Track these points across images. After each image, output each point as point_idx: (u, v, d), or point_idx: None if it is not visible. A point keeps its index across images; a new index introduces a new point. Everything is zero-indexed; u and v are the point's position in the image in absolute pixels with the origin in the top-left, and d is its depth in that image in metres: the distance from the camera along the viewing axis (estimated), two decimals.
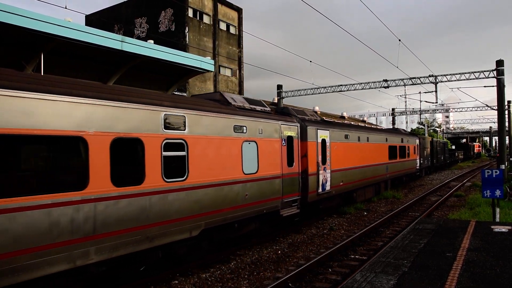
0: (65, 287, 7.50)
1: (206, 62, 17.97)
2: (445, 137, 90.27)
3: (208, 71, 18.66)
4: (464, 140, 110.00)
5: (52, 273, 6.81)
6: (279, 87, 37.84)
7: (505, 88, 29.88)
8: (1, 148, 6.38)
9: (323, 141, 16.76)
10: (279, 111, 15.48)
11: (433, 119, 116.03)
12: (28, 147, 6.97)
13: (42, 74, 12.06)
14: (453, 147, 75.53)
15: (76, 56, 14.54)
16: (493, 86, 30.73)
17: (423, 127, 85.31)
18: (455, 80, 31.58)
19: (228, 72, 42.89)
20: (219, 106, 11.09)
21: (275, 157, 13.20)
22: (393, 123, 57.85)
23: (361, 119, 73.18)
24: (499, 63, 29.11)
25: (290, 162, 14.06)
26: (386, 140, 25.54)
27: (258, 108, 13.15)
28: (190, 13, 38.73)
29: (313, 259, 10.84)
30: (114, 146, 7.89)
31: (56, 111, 7.01)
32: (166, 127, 9.05)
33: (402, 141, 29.46)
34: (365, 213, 18.96)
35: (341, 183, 18.25)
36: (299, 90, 37.48)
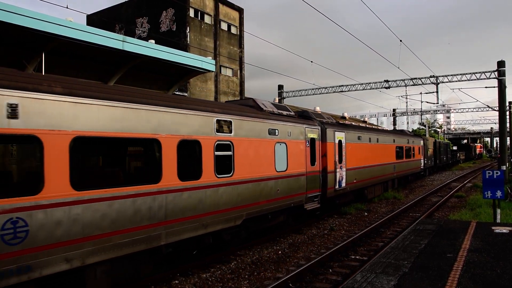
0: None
1: (207, 62, 17.96)
2: (446, 138, 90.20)
3: (209, 71, 18.66)
4: (465, 141, 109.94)
5: (135, 251, 8.16)
6: (280, 87, 37.87)
7: (507, 89, 29.89)
8: (104, 148, 8.30)
9: (340, 142, 18.20)
10: (301, 115, 16.47)
11: (434, 120, 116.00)
12: (121, 147, 8.63)
13: (43, 73, 12.08)
14: (455, 148, 75.60)
15: (77, 56, 14.54)
16: (494, 87, 30.72)
17: (424, 127, 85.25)
18: (456, 81, 31.59)
19: (229, 72, 42.89)
20: (256, 112, 12.59)
21: (301, 156, 14.68)
22: (394, 124, 57.82)
23: (362, 119, 73.05)
24: (501, 64, 29.11)
25: (312, 161, 15.53)
26: (394, 141, 26.96)
27: (285, 112, 14.55)
28: (191, 13, 38.73)
29: (314, 259, 10.83)
30: (180, 147, 9.29)
31: (139, 117, 8.38)
32: (217, 131, 10.54)
33: (408, 142, 30.81)
34: (366, 214, 18.95)
35: (355, 181, 19.75)
36: (300, 90, 37.50)
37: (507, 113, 39.04)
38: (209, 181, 10.13)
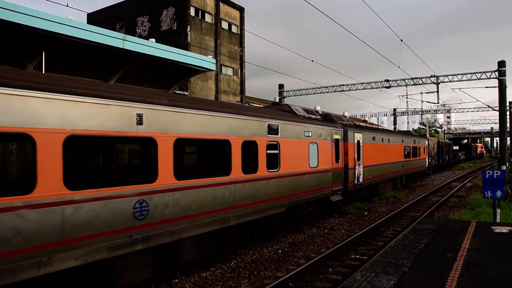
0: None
1: (207, 61, 17.96)
2: (446, 138, 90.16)
3: (209, 70, 18.65)
4: (466, 141, 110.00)
5: (213, 230, 10.21)
6: (281, 86, 37.88)
7: (507, 89, 29.88)
8: (194, 147, 10.58)
9: (358, 142, 20.39)
10: (325, 118, 18.64)
11: (435, 120, 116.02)
12: (205, 146, 10.69)
13: (43, 72, 12.08)
14: (456, 147, 76.01)
15: (78, 55, 14.54)
16: (495, 86, 30.71)
17: (424, 127, 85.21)
18: (456, 81, 31.61)
19: (229, 71, 42.87)
20: (293, 116, 14.69)
21: (328, 155, 16.80)
22: (394, 124, 57.79)
23: (363, 119, 73.09)
24: (501, 64, 29.10)
25: (337, 159, 17.65)
26: (402, 141, 29.40)
27: (313, 116, 16.63)
28: (192, 12, 38.71)
29: (314, 258, 10.84)
30: (243, 146, 11.29)
31: (216, 123, 10.37)
32: (268, 133, 12.63)
33: (414, 142, 33.05)
34: (366, 213, 18.96)
35: (370, 177, 21.91)
36: (300, 90, 37.50)
37: (508, 113, 39.01)
38: (263, 174, 12.25)
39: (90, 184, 7.48)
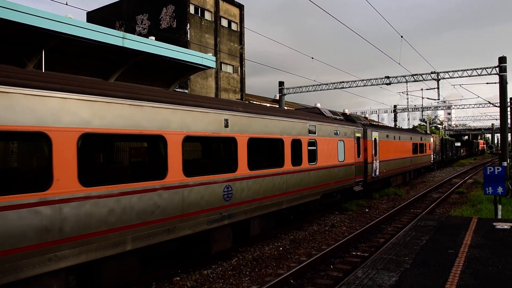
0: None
1: (207, 59, 17.91)
2: (447, 134, 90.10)
3: (209, 67, 18.60)
4: (466, 137, 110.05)
5: (271, 211, 12.57)
6: (281, 83, 37.82)
7: (508, 85, 29.82)
8: (259, 144, 12.27)
9: (375, 139, 22.95)
10: (347, 118, 21.03)
11: (435, 116, 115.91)
12: (267, 143, 12.70)
13: (43, 71, 12.05)
14: (458, 144, 76.54)
15: (77, 53, 14.50)
16: (495, 82, 30.64)
17: (425, 124, 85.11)
18: (457, 77, 31.53)
19: (229, 69, 42.82)
20: (324, 118, 17.15)
21: (352, 151, 19.27)
22: (395, 120, 57.77)
23: (363, 116, 73.02)
24: (502, 59, 29.03)
25: (358, 154, 20.09)
26: (411, 139, 32.08)
27: (338, 117, 19.11)
28: (192, 9, 38.64)
29: (315, 256, 10.83)
30: (292, 144, 13.73)
31: (273, 125, 12.71)
32: (309, 132, 15.02)
33: (420, 139, 35.74)
34: (367, 210, 18.95)
35: (384, 171, 24.51)
36: (300, 87, 37.44)
37: (508, 109, 38.94)
38: (305, 167, 14.60)
39: (198, 172, 9.88)
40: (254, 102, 37.70)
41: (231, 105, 11.08)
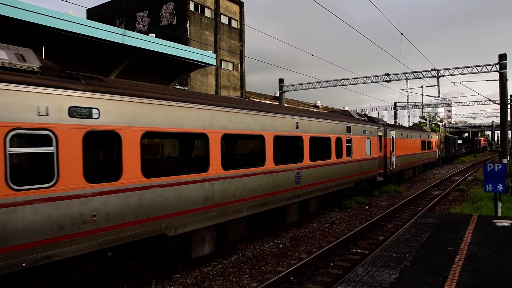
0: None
1: (207, 56, 17.90)
2: (447, 131, 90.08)
3: (209, 65, 18.59)
4: (466, 135, 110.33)
5: (322, 194, 16.03)
6: (281, 81, 37.75)
7: (508, 82, 29.77)
8: (316, 142, 15.35)
9: (392, 137, 26.28)
10: (369, 119, 24.23)
11: (435, 113, 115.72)
12: (321, 141, 15.96)
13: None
14: (460, 141, 77.70)
15: (78, 50, 14.49)
16: (495, 80, 30.61)
17: (425, 121, 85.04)
18: (457, 74, 31.46)
19: (229, 66, 42.76)
20: (354, 120, 20.45)
21: (375, 147, 22.70)
22: (395, 117, 57.70)
23: (363, 113, 73.00)
24: (502, 57, 28.96)
25: (380, 150, 23.58)
26: (420, 137, 35.62)
27: (363, 118, 22.63)
28: (192, 6, 38.56)
29: (315, 253, 10.84)
30: (336, 141, 17.12)
31: (324, 126, 16.29)
32: (346, 131, 18.41)
33: (428, 137, 39.25)
34: (367, 207, 18.95)
35: (400, 164, 27.89)
36: (300, 84, 37.38)
37: (508, 106, 38.91)
38: (344, 159, 18.03)
39: (282, 162, 13.03)
40: (255, 100, 37.67)
41: (299, 112, 14.89)
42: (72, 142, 6.99)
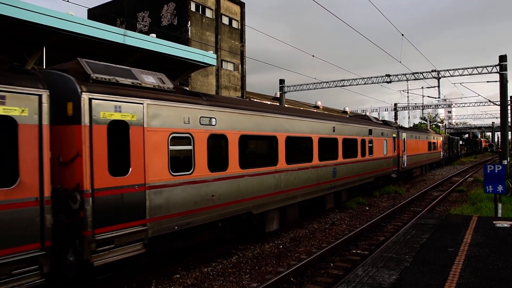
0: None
1: (208, 56, 17.89)
2: (447, 132, 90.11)
3: (210, 65, 18.57)
4: (467, 136, 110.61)
5: (366, 182, 21.11)
6: (282, 81, 37.74)
7: (508, 83, 29.76)
8: (348, 142, 18.60)
9: (404, 138, 28.93)
10: (383, 122, 27.16)
11: (436, 114, 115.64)
12: (348, 142, 18.46)
13: (44, 68, 12.04)
14: (461, 142, 79.59)
15: (78, 50, 14.49)
16: (496, 81, 30.59)
17: (425, 122, 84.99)
18: (457, 75, 31.45)
19: (230, 67, 42.76)
20: (373, 123, 23.19)
21: (391, 147, 25.50)
22: (395, 118, 57.70)
23: (364, 114, 72.95)
24: (502, 58, 28.95)
25: (394, 150, 26.20)
26: (426, 138, 38.56)
27: (379, 121, 25.94)
28: (193, 7, 38.56)
29: (315, 253, 10.85)
30: (360, 142, 20.03)
31: (353, 129, 19.29)
32: (368, 134, 21.30)
33: (433, 138, 42.06)
34: (367, 208, 18.96)
35: (410, 163, 30.72)
36: (301, 85, 37.37)
37: (509, 107, 38.89)
38: (367, 157, 20.98)
39: (323, 159, 15.93)
40: (255, 100, 37.64)
41: (335, 118, 18.36)
42: (201, 142, 9.85)
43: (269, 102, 39.45)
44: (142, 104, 8.48)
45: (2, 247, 6.24)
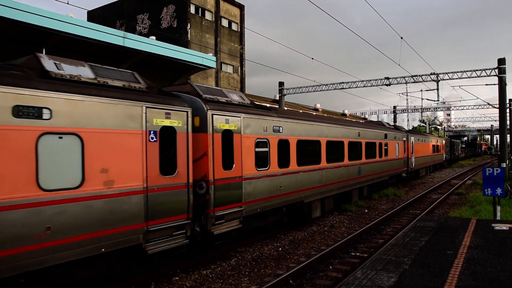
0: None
1: (208, 59, 17.93)
2: (446, 135, 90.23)
3: (210, 67, 18.62)
4: (465, 138, 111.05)
5: (372, 183, 22.67)
6: (281, 84, 37.78)
7: (507, 86, 29.83)
8: (370, 146, 21.91)
9: (412, 141, 31.81)
10: (394, 127, 29.78)
11: (435, 117, 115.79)
12: (373, 145, 22.27)
13: None
14: (463, 145, 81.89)
15: (78, 52, 14.52)
16: (495, 84, 30.67)
17: (424, 125, 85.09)
18: (456, 78, 31.52)
19: (229, 69, 42.81)
20: (386, 128, 26.14)
21: (401, 149, 28.31)
22: (395, 121, 57.78)
23: (363, 116, 72.98)
24: (501, 61, 29.03)
25: (404, 152, 29.05)
26: (431, 141, 41.57)
27: (391, 126, 28.42)
28: (192, 9, 38.63)
29: (314, 256, 10.85)
30: (378, 145, 23.11)
31: (373, 133, 22.34)
32: (384, 137, 24.03)
33: (437, 141, 45.02)
34: (366, 211, 18.96)
35: (417, 164, 33.83)
36: (300, 87, 37.42)
37: (508, 110, 38.98)
38: (383, 158, 23.86)
39: (352, 159, 18.83)
40: (255, 103, 37.67)
41: (359, 124, 21.28)
42: (274, 145, 12.81)
43: (268, 105, 39.66)
44: (240, 117, 11.32)
45: (169, 216, 8.97)
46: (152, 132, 8.67)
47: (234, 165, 10.95)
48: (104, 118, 7.69)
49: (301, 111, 25.97)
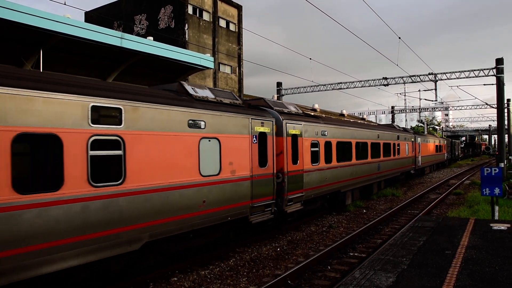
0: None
1: (205, 59, 17.89)
2: (444, 135, 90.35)
3: (207, 68, 18.57)
4: (463, 138, 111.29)
5: (387, 179, 26.26)
6: (279, 84, 37.84)
7: (505, 86, 29.91)
8: (386, 146, 25.22)
9: (419, 142, 34.42)
10: (403, 129, 32.57)
11: (433, 117, 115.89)
12: (388, 146, 25.28)
13: (41, 70, 12.03)
14: (462, 145, 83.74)
15: (76, 53, 14.47)
16: (492, 84, 30.76)
17: (422, 125, 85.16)
18: (454, 78, 31.62)
19: (227, 70, 42.79)
20: (397, 130, 28.98)
21: (410, 149, 31.16)
22: (392, 121, 57.84)
23: (361, 116, 73.00)
24: (499, 61, 29.12)
25: (412, 151, 31.74)
26: (434, 142, 44.35)
27: (400, 129, 31.27)
28: (190, 10, 38.59)
29: (312, 256, 10.85)
30: (392, 145, 26.31)
31: (388, 135, 25.53)
32: (397, 138, 27.40)
33: (439, 142, 48.04)
34: (364, 211, 18.98)
35: (423, 163, 36.43)
36: (298, 88, 37.48)
37: (505, 110, 39.06)
38: (396, 157, 26.65)
39: (373, 157, 22.08)
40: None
41: (378, 127, 24.79)
42: (322, 146, 16.21)
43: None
44: (301, 124, 14.79)
45: (263, 197, 12.22)
46: (254, 136, 12.04)
47: (298, 161, 14.31)
48: (229, 126, 11.00)
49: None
